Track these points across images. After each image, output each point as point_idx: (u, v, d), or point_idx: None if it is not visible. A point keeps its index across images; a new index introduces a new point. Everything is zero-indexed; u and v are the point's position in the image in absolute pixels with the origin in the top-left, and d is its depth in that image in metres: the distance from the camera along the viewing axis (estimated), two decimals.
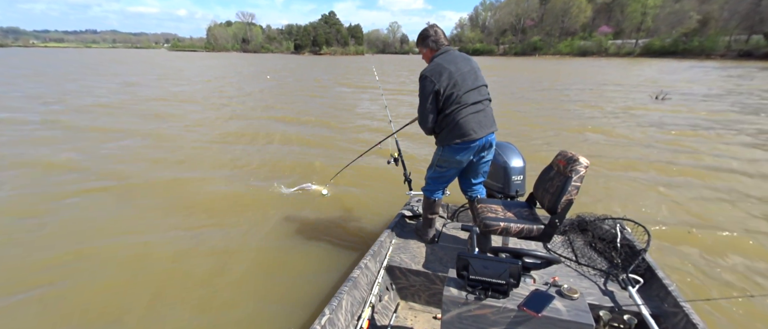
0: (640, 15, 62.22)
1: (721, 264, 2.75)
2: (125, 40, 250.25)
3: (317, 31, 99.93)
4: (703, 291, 2.45)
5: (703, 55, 48.74)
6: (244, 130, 7.56)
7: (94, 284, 2.63)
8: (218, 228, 3.48)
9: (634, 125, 8.20)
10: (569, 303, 1.42)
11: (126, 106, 10.41)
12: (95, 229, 3.37)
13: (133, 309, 2.39)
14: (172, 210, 3.79)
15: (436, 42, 2.18)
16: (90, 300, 2.46)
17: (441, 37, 2.20)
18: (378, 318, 2.02)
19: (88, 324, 2.27)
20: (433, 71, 2.06)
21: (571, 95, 13.85)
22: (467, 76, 2.08)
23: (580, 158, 1.87)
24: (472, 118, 2.05)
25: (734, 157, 5.51)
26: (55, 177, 4.64)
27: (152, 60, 45.30)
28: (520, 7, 77.34)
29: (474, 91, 2.08)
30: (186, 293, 2.57)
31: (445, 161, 2.21)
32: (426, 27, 2.23)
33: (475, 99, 2.07)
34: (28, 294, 2.47)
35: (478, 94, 2.09)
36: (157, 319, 2.33)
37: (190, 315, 2.36)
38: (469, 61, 2.16)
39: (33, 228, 3.35)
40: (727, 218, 3.50)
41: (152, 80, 18.51)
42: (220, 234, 3.37)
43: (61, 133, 7.06)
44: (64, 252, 2.98)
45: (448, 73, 2.04)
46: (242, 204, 4.00)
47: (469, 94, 2.06)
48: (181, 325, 2.28)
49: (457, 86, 2.03)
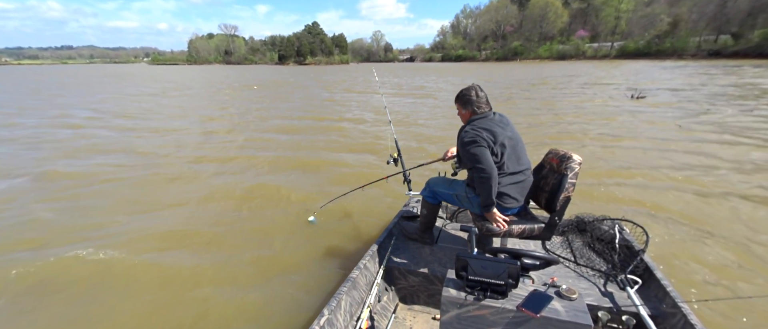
0: (613, 19, 64.66)
1: (719, 265, 2.76)
2: (103, 55, 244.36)
3: (301, 42, 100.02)
4: (701, 291, 2.46)
5: (675, 55, 50.98)
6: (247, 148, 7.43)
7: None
8: (218, 227, 3.52)
9: (616, 125, 8.40)
10: (568, 304, 1.41)
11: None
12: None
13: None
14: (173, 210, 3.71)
15: (479, 107, 2.05)
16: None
17: (483, 101, 2.05)
18: (377, 318, 2.01)
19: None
20: (478, 135, 1.94)
21: (555, 94, 14.18)
22: (516, 143, 2.01)
23: (573, 155, 1.88)
24: (513, 188, 1.99)
25: (721, 156, 5.61)
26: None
27: (124, 79, 32.84)
28: (499, 13, 79.27)
29: (517, 159, 2.00)
30: (184, 294, 2.59)
31: (466, 201, 2.16)
32: (469, 89, 2.09)
33: (517, 168, 2.00)
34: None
35: (520, 163, 2.02)
36: (159, 318, 2.36)
37: (191, 316, 2.38)
38: (511, 126, 2.05)
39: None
40: (727, 218, 3.50)
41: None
42: (219, 233, 3.41)
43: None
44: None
45: (494, 135, 1.93)
46: (243, 205, 4.01)
47: (513, 161, 1.99)
48: (182, 325, 2.31)
49: (505, 153, 1.95)
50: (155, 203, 4.19)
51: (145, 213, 3.93)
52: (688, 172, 4.89)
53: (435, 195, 2.33)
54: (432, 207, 2.37)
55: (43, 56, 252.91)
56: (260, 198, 4.29)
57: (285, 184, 4.75)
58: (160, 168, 5.58)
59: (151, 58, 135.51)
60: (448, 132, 8.08)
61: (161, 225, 3.64)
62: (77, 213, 3.94)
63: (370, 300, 1.91)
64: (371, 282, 2.11)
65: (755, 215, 3.59)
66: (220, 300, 2.53)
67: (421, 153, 6.48)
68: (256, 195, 4.40)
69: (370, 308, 1.88)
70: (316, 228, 3.51)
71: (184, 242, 3.32)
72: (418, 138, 7.56)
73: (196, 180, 5.01)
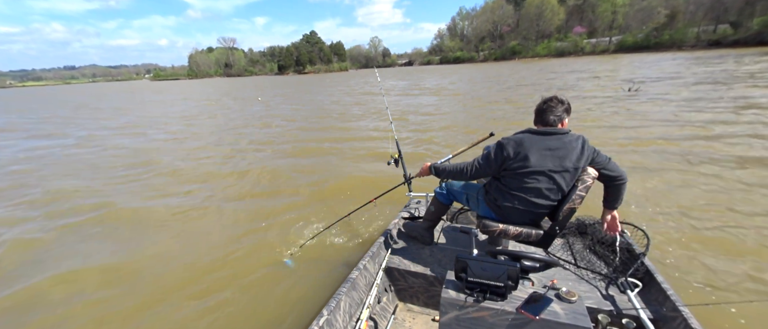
0: (610, 14, 64.50)
1: (720, 268, 2.73)
2: (105, 73, 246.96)
3: (300, 51, 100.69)
4: (702, 295, 2.43)
5: (674, 47, 50.67)
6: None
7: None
8: (216, 226, 3.55)
9: (617, 122, 8.36)
10: (567, 307, 1.41)
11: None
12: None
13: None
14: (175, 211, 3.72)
15: (543, 121, 1.89)
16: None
17: (547, 116, 1.87)
18: (376, 319, 2.01)
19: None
20: (506, 142, 1.86)
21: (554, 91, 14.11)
22: (559, 174, 1.82)
23: (589, 169, 1.82)
24: (517, 211, 1.92)
25: (723, 152, 5.54)
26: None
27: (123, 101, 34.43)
28: (495, 14, 79.38)
29: (540, 190, 1.85)
30: (185, 294, 2.64)
31: (473, 201, 2.14)
32: (542, 101, 1.93)
33: (534, 198, 1.87)
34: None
35: (543, 193, 1.85)
36: (162, 318, 2.41)
37: (190, 317, 2.40)
38: (572, 156, 1.79)
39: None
40: (728, 220, 3.44)
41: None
42: (218, 233, 3.46)
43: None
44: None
45: (526, 151, 1.81)
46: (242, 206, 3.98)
47: (535, 189, 1.85)
48: (181, 325, 2.33)
49: (526, 171, 1.83)
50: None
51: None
52: (693, 168, 4.86)
53: (448, 193, 2.33)
54: (442, 205, 2.38)
55: (47, 77, 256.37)
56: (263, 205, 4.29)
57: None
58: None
59: (153, 74, 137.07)
60: (447, 132, 8.12)
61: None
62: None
63: (370, 301, 1.91)
64: (371, 283, 2.11)
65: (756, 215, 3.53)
66: (220, 301, 2.53)
67: (425, 153, 6.50)
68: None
69: (370, 309, 1.88)
70: (316, 229, 3.47)
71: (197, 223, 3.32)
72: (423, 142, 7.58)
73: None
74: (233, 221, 4.05)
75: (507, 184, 1.91)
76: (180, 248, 3.50)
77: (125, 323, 2.49)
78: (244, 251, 3.35)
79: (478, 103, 13.58)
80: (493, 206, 1.99)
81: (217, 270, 3.05)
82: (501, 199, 1.94)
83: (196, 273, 3.03)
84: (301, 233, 3.53)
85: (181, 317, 2.51)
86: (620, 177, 1.82)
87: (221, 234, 3.74)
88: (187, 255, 3.33)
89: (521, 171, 1.83)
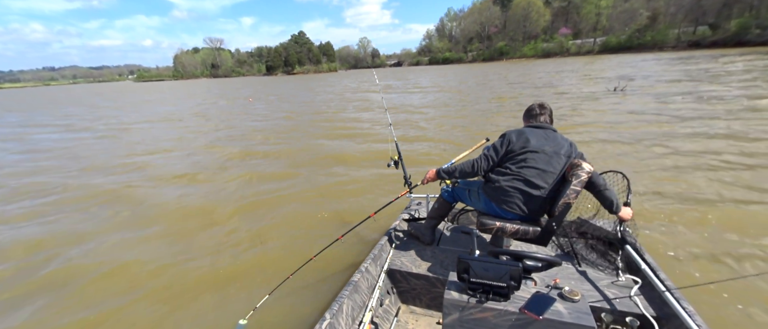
0: (594, 15, 65.97)
1: (723, 267, 2.74)
2: (86, 75, 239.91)
3: (288, 52, 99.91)
4: (706, 292, 2.44)
5: (656, 47, 52.12)
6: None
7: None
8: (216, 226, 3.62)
9: (607, 121, 8.51)
10: (571, 306, 1.41)
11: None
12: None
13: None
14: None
15: (533, 118, 2.18)
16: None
17: (536, 114, 2.17)
18: (379, 322, 1.99)
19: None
20: (510, 133, 2.08)
21: (542, 90, 14.36)
22: (552, 158, 1.96)
23: (584, 164, 1.84)
24: (517, 193, 1.96)
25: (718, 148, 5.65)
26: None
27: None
28: (483, 15, 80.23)
29: (539, 172, 1.95)
30: (188, 296, 2.63)
31: (474, 196, 2.18)
32: (531, 106, 2.23)
33: (534, 179, 1.95)
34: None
35: (541, 176, 1.95)
36: (168, 320, 2.40)
37: (192, 316, 2.41)
38: (559, 142, 2.01)
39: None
40: (730, 220, 3.44)
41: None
42: (218, 233, 3.49)
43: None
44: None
45: (526, 140, 2.01)
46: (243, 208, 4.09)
47: (533, 171, 1.95)
48: (182, 323, 2.35)
49: (528, 158, 1.97)
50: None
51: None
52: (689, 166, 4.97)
53: (453, 193, 2.35)
54: (446, 204, 2.40)
55: (25, 78, 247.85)
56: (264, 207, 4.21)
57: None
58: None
59: (137, 76, 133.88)
60: (449, 132, 8.13)
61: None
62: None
63: (372, 304, 1.89)
64: (373, 286, 2.09)
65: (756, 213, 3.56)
66: (221, 301, 2.50)
67: (425, 154, 6.49)
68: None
69: (372, 312, 1.86)
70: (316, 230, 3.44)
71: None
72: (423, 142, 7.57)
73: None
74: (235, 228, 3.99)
75: (508, 167, 2.02)
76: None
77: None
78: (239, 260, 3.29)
79: (475, 100, 13.77)
80: (492, 194, 2.02)
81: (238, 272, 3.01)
82: (501, 180, 1.99)
83: (211, 273, 3.02)
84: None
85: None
86: (598, 185, 1.92)
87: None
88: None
89: (522, 152, 1.99)
